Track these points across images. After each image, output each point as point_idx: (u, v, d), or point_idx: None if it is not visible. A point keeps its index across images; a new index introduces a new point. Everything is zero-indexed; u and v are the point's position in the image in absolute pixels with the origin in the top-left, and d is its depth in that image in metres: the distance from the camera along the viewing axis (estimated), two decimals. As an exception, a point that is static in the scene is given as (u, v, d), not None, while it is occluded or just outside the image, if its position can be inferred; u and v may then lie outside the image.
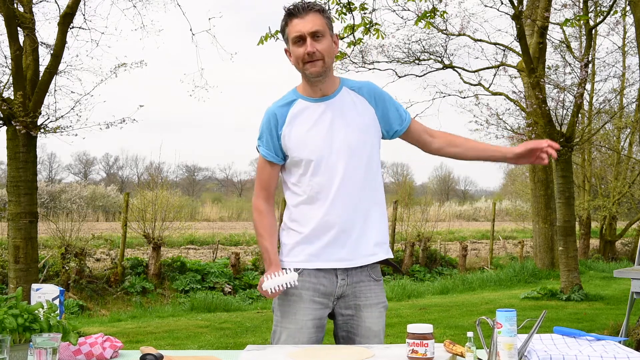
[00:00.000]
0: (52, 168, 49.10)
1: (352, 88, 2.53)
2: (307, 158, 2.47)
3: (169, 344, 6.69)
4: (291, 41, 2.45)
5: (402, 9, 9.62)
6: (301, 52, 2.42)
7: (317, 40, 2.42)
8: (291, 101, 2.52)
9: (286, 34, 2.48)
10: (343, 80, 2.56)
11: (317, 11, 2.44)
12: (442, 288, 11.57)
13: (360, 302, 2.49)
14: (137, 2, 8.90)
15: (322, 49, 2.42)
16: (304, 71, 2.46)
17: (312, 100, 2.51)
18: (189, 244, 16.50)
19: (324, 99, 2.50)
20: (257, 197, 2.59)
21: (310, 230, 2.47)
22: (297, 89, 2.55)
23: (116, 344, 2.18)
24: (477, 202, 39.92)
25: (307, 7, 2.44)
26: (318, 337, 2.49)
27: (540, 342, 2.15)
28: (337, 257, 2.46)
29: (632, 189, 17.22)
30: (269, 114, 2.53)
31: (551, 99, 10.34)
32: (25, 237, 6.72)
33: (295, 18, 2.43)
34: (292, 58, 2.49)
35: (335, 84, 2.53)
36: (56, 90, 7.39)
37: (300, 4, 2.45)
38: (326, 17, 2.48)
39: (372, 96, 2.53)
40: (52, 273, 9.86)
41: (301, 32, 2.41)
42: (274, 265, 2.50)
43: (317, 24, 2.42)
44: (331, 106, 2.49)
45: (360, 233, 2.47)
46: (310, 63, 2.42)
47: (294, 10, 2.44)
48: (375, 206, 2.52)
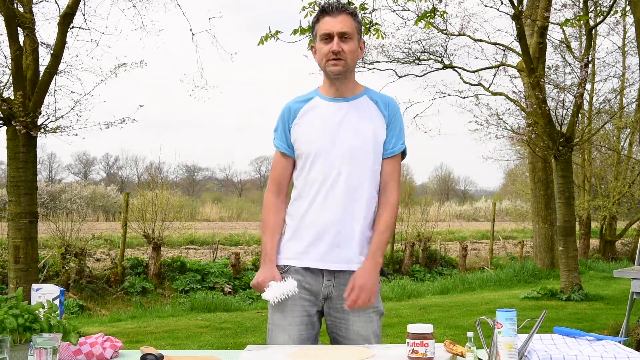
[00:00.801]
0: (52, 168, 49.16)
1: (373, 99, 2.56)
2: (306, 152, 2.50)
3: (169, 344, 6.69)
4: (319, 38, 2.50)
5: (402, 9, 9.64)
6: (327, 49, 2.47)
7: (344, 41, 2.47)
8: (308, 98, 2.57)
9: (315, 30, 2.53)
10: (368, 90, 2.59)
11: (349, 14, 2.50)
12: (442, 288, 11.57)
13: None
14: (137, 2, 8.89)
15: (348, 50, 2.47)
16: (325, 68, 2.50)
17: (327, 99, 2.54)
18: (189, 244, 16.51)
19: (339, 100, 2.53)
20: (268, 190, 2.62)
21: (297, 225, 2.50)
22: (319, 88, 2.60)
23: (116, 344, 2.18)
24: (477, 202, 39.92)
25: (341, 8, 2.50)
26: (310, 334, 2.49)
27: (540, 342, 2.15)
28: (320, 257, 2.47)
29: (632, 189, 17.22)
30: (285, 108, 2.59)
31: (551, 99, 10.34)
32: (25, 237, 6.72)
33: (328, 16, 2.49)
34: (317, 55, 2.53)
35: (356, 89, 2.56)
36: (56, 90, 7.40)
37: (335, 4, 2.51)
38: (357, 22, 2.53)
39: (388, 109, 2.55)
40: (52, 273, 9.86)
41: (330, 31, 2.47)
42: (268, 261, 2.53)
43: (347, 25, 2.48)
44: (344, 108, 2.52)
45: (347, 238, 2.46)
46: (333, 61, 2.47)
47: (328, 9, 2.50)
48: (368, 217, 2.50)
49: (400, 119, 2.58)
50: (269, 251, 2.54)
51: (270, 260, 2.53)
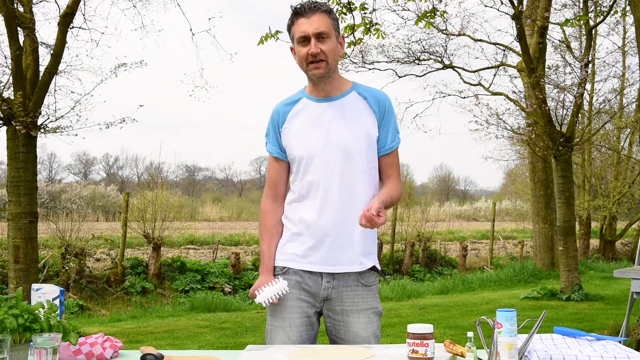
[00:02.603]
0: (52, 168, 49.16)
1: (362, 95, 2.51)
2: (299, 155, 2.47)
3: (169, 344, 6.68)
4: (296, 41, 2.45)
5: (402, 9, 9.63)
6: (305, 52, 2.42)
7: (321, 42, 2.41)
8: (296, 100, 2.53)
9: (292, 32, 2.48)
10: (355, 85, 2.54)
11: (323, 12, 2.43)
12: (442, 288, 11.57)
13: (346, 307, 2.47)
14: (137, 2, 8.90)
15: (326, 50, 2.41)
16: (307, 71, 2.46)
17: (314, 100, 2.51)
18: (189, 244, 16.51)
19: (327, 100, 2.49)
20: (264, 196, 2.60)
21: (296, 229, 2.48)
22: (305, 89, 2.56)
23: (116, 344, 2.18)
24: (477, 202, 39.89)
25: (314, 7, 2.42)
26: (309, 334, 2.49)
27: (540, 342, 2.15)
28: (319, 261, 2.46)
29: (632, 189, 17.21)
30: (274, 111, 2.56)
31: (551, 99, 10.33)
32: (25, 237, 6.72)
33: (302, 17, 2.42)
34: (297, 57, 2.48)
35: (343, 86, 2.52)
36: (56, 90, 7.41)
37: (307, 3, 2.44)
38: (332, 18, 2.46)
39: (378, 106, 2.49)
40: (52, 273, 9.86)
41: (306, 33, 2.41)
42: (265, 270, 2.52)
43: (322, 24, 2.41)
44: (333, 107, 2.48)
45: (346, 239, 2.44)
46: (314, 64, 2.42)
47: (301, 10, 2.43)
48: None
49: (392, 113, 2.52)
50: (266, 261, 2.54)
51: (267, 270, 2.53)
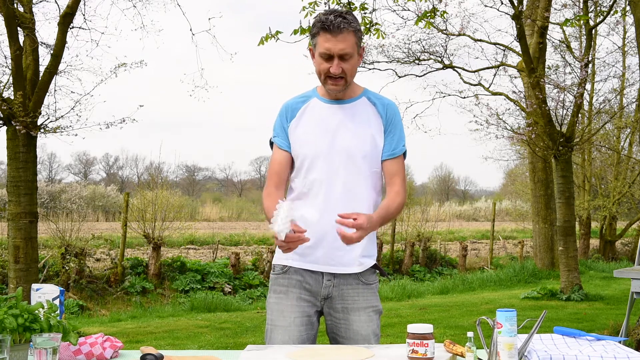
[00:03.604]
0: (52, 168, 49.14)
1: (372, 101, 2.54)
2: (304, 154, 2.49)
3: (169, 344, 6.69)
4: (318, 52, 2.43)
5: (402, 9, 9.64)
6: (326, 67, 2.42)
7: (344, 61, 2.41)
8: (307, 98, 2.56)
9: (315, 41, 2.44)
10: (366, 91, 2.57)
11: (351, 31, 2.40)
12: (442, 288, 11.57)
13: (347, 305, 2.48)
14: (137, 2, 8.90)
15: (348, 69, 2.42)
16: (324, 84, 2.47)
17: (325, 101, 2.53)
18: (189, 244, 16.51)
19: (337, 102, 2.52)
20: (267, 185, 2.56)
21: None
22: (317, 89, 2.57)
23: (116, 344, 2.18)
24: (477, 202, 39.89)
25: (342, 26, 2.37)
26: (309, 334, 2.49)
27: (540, 342, 2.15)
28: (319, 260, 2.46)
29: (632, 189, 17.21)
30: (284, 106, 2.58)
31: (551, 99, 10.33)
32: (25, 237, 6.72)
33: (328, 34, 2.38)
34: (316, 66, 2.47)
35: (354, 91, 2.54)
36: (56, 90, 7.41)
37: (336, 22, 2.37)
38: (358, 37, 2.44)
39: (386, 113, 2.52)
40: (52, 273, 9.86)
41: (331, 51, 2.39)
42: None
43: (348, 45, 2.39)
44: (342, 110, 2.50)
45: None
46: (332, 80, 2.43)
47: (329, 27, 2.37)
48: None
49: (399, 121, 2.55)
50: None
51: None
